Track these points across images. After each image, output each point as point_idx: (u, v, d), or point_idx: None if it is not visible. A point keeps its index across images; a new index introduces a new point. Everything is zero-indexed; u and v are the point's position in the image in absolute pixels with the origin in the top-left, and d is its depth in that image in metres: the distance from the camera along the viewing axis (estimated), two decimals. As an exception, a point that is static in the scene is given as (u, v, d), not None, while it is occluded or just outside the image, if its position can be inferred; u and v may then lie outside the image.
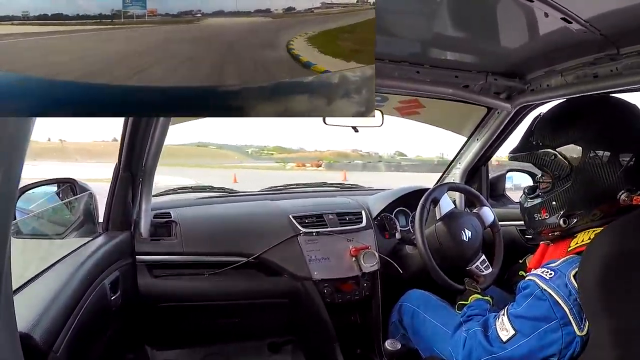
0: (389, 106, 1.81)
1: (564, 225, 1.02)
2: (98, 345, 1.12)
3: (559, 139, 1.02)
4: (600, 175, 0.97)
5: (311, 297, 1.59)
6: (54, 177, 1.51)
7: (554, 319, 0.92)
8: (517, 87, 1.50)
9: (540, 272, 0.98)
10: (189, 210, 1.70)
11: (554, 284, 0.93)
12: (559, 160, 1.01)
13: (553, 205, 1.04)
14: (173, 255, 1.53)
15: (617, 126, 1.00)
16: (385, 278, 1.68)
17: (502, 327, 1.00)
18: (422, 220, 1.51)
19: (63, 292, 0.95)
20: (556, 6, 0.87)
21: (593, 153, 0.97)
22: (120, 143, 1.40)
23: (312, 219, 1.68)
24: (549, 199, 1.05)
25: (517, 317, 0.98)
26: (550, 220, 1.05)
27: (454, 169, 2.01)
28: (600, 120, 1.01)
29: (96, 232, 1.44)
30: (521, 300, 0.99)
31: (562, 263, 0.96)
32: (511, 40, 1.18)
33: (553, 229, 1.05)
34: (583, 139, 0.99)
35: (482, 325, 1.07)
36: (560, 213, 1.03)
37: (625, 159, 0.96)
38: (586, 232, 1.00)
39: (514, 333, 0.97)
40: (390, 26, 1.08)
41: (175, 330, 1.62)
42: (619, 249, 0.89)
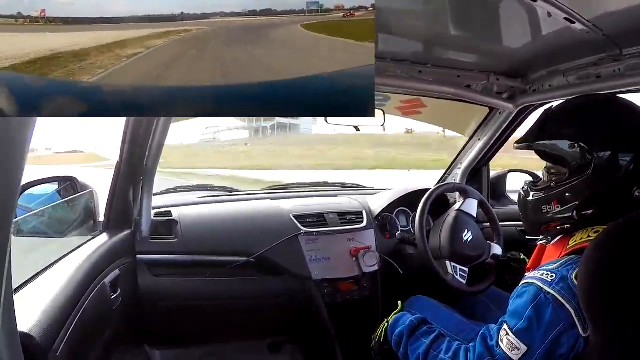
0: (391, 106, 1.80)
1: (577, 217, 0.99)
2: (98, 344, 1.12)
3: (578, 131, 0.99)
4: (618, 169, 0.95)
5: (311, 297, 1.59)
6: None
7: (561, 322, 0.90)
8: (520, 87, 1.49)
9: (540, 274, 0.95)
10: (190, 209, 1.70)
11: (558, 286, 0.91)
12: (579, 151, 0.98)
13: (567, 197, 1.00)
14: (174, 255, 1.53)
15: (635, 124, 0.98)
16: (385, 278, 1.67)
17: (511, 346, 0.94)
18: (422, 221, 1.51)
19: (63, 291, 0.95)
20: (559, 6, 0.87)
21: (610, 148, 0.96)
22: (121, 142, 1.40)
23: (313, 219, 1.68)
24: (563, 190, 1.01)
25: (525, 331, 0.93)
26: (561, 211, 1.01)
27: (455, 169, 2.01)
28: (620, 117, 1.00)
29: (97, 231, 1.44)
30: (522, 309, 0.95)
31: (563, 264, 0.95)
32: (514, 40, 1.17)
33: (563, 222, 1.02)
34: (603, 133, 0.97)
35: (487, 349, 0.99)
36: (575, 204, 0.99)
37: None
38: (585, 231, 0.98)
39: (527, 349, 0.92)
40: (393, 26, 1.08)
41: (175, 330, 1.62)
42: (620, 251, 0.88)
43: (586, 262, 0.89)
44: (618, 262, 0.87)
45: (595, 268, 0.88)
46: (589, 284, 0.88)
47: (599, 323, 0.87)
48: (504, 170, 2.12)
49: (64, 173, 1.66)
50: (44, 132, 19.77)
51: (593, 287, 0.88)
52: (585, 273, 0.89)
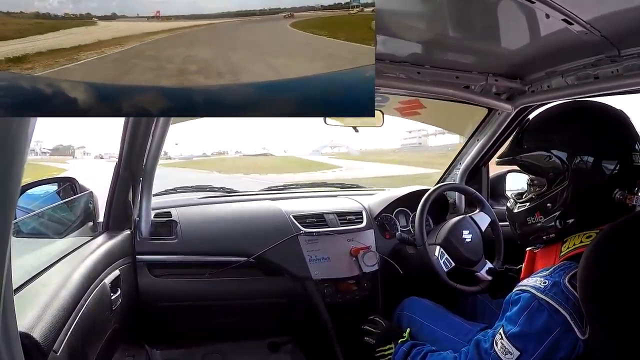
0: (390, 106, 1.80)
1: (560, 226, 1.01)
2: (98, 345, 1.12)
3: (551, 141, 1.02)
4: (594, 175, 0.98)
5: (311, 297, 1.59)
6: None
7: (557, 327, 0.90)
8: (518, 88, 1.50)
9: (533, 281, 0.96)
10: (190, 209, 1.70)
11: (551, 292, 0.92)
12: (554, 161, 1.01)
13: (548, 207, 1.03)
14: (173, 255, 1.53)
15: (605, 131, 1.00)
16: (385, 278, 1.68)
17: (504, 350, 0.95)
18: (422, 220, 1.51)
19: (63, 291, 0.95)
20: (557, 7, 0.87)
21: (585, 155, 0.98)
22: (120, 142, 1.40)
23: (313, 219, 1.68)
24: (544, 201, 1.04)
25: (518, 336, 0.94)
26: (545, 222, 1.04)
27: (454, 170, 2.01)
28: (588, 124, 1.02)
29: (96, 232, 1.44)
30: (516, 316, 0.96)
31: (556, 270, 0.95)
32: (512, 41, 1.18)
33: (548, 232, 1.04)
34: (575, 141, 1.00)
35: (479, 354, 1.01)
36: (557, 214, 1.02)
37: (613, 163, 0.97)
38: (577, 236, 0.99)
39: (519, 354, 0.93)
40: (392, 27, 1.08)
41: (175, 330, 1.62)
42: (618, 252, 0.88)
43: (585, 263, 0.90)
44: (616, 263, 0.87)
45: (594, 269, 0.88)
46: (587, 285, 0.88)
47: (598, 324, 0.88)
48: (503, 171, 2.12)
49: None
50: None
51: (592, 288, 0.88)
52: (584, 274, 0.89)
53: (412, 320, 1.35)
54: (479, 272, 1.51)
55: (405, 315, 1.39)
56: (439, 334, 1.26)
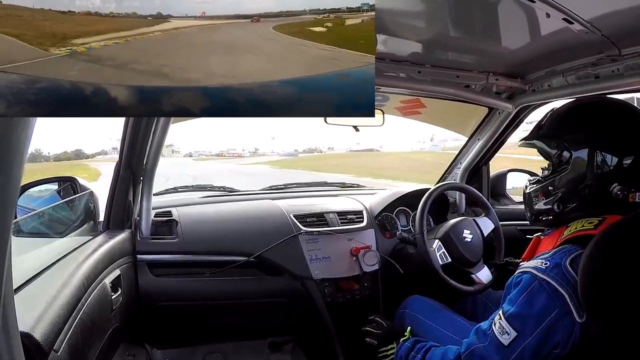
0: (390, 106, 1.80)
1: (558, 210, 1.05)
2: (99, 344, 1.12)
3: (564, 132, 1.06)
4: (595, 166, 1.00)
5: (312, 296, 1.59)
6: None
7: (555, 309, 0.91)
8: (519, 88, 1.50)
9: (534, 263, 0.97)
10: (190, 209, 1.70)
11: (552, 272, 0.93)
12: (562, 148, 1.05)
13: (549, 190, 1.08)
14: (174, 255, 1.53)
15: (618, 128, 1.01)
16: (386, 278, 1.68)
17: (502, 331, 0.96)
18: (423, 220, 1.51)
19: (64, 291, 0.95)
20: (558, 7, 0.87)
21: (590, 147, 1.01)
22: (120, 142, 1.40)
23: (313, 219, 1.68)
24: (547, 184, 1.08)
25: (517, 317, 0.94)
26: (545, 204, 1.08)
27: (455, 169, 2.01)
28: (604, 118, 1.03)
29: (97, 231, 1.44)
30: (516, 296, 0.96)
31: (557, 252, 0.97)
32: (513, 41, 1.18)
33: (548, 213, 1.08)
34: (585, 134, 1.02)
35: (478, 337, 1.01)
36: (556, 197, 1.06)
37: (625, 159, 0.98)
38: (580, 221, 1.01)
39: (516, 335, 0.94)
40: (392, 26, 1.08)
41: (175, 329, 1.62)
42: (625, 244, 0.89)
43: (591, 250, 0.90)
44: (622, 255, 0.88)
45: (599, 258, 0.89)
46: (590, 272, 0.89)
47: (597, 312, 0.88)
48: (503, 170, 2.12)
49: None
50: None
51: (594, 276, 0.88)
52: (589, 261, 0.90)
53: (415, 318, 1.35)
54: (474, 275, 1.51)
55: (408, 313, 1.39)
56: (441, 332, 1.26)
